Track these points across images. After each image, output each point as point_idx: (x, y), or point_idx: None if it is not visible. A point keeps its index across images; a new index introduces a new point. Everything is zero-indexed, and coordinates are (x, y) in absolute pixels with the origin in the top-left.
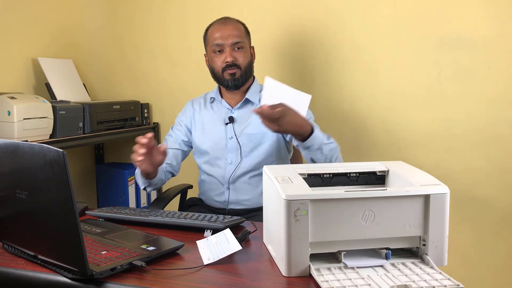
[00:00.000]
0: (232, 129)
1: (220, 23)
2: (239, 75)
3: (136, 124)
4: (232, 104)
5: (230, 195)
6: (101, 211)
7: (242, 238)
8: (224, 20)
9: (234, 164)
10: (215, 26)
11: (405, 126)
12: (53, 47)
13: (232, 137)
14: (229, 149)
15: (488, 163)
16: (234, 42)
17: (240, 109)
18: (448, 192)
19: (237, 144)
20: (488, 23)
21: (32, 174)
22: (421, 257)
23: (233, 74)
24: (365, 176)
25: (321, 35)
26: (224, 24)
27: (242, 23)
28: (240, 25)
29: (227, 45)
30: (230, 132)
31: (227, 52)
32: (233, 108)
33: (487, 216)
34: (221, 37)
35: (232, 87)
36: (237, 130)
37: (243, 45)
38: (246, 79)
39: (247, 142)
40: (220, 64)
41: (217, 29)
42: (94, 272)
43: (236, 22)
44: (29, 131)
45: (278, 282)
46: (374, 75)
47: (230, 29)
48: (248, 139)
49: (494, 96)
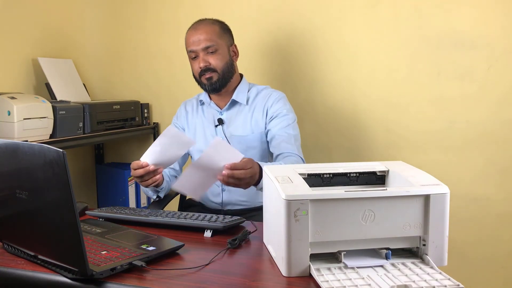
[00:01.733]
0: (222, 131)
1: (192, 28)
2: (216, 79)
3: (136, 124)
4: (221, 106)
5: (224, 197)
6: (101, 211)
7: (242, 238)
8: (196, 25)
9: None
10: (188, 31)
11: (405, 126)
12: (53, 47)
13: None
14: None
15: (488, 163)
16: (206, 47)
17: (228, 111)
18: (448, 192)
19: None
20: (488, 23)
21: (32, 174)
22: (421, 257)
23: (209, 79)
24: (365, 176)
25: (321, 35)
26: (195, 29)
27: (218, 22)
28: (212, 27)
29: (199, 51)
30: (220, 134)
31: (200, 57)
32: (222, 110)
33: (487, 216)
34: (193, 43)
35: (211, 91)
36: (227, 132)
37: (216, 48)
38: (226, 81)
39: (237, 144)
40: (196, 69)
41: (190, 34)
42: (94, 272)
43: (208, 24)
44: (29, 131)
45: (278, 282)
46: (374, 75)
47: (200, 33)
48: (238, 141)
49: (494, 96)
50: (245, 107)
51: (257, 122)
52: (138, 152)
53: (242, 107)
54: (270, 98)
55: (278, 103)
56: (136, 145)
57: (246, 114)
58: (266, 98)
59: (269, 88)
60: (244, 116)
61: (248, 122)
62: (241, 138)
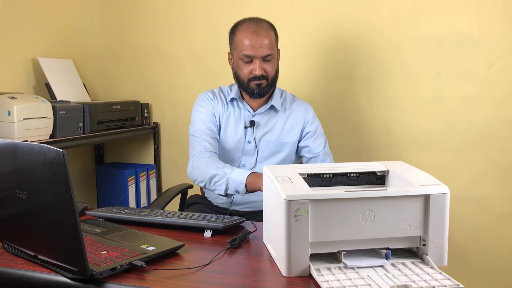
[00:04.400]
0: (252, 133)
1: (252, 31)
2: (265, 85)
3: (136, 124)
4: (254, 108)
5: (237, 196)
6: (101, 211)
7: (242, 238)
8: (256, 27)
9: (248, 168)
10: (246, 32)
11: (405, 126)
12: (53, 47)
13: (251, 141)
14: (245, 153)
15: (488, 163)
16: (266, 55)
17: (262, 114)
18: (448, 192)
19: (254, 149)
20: (488, 23)
21: (32, 174)
22: (421, 257)
23: (259, 85)
24: (365, 176)
25: (321, 35)
26: (256, 34)
27: (273, 27)
28: (271, 33)
29: (257, 58)
30: (249, 136)
31: (256, 64)
32: (255, 112)
33: (487, 216)
34: (252, 48)
35: (257, 96)
36: (257, 135)
37: (274, 56)
38: (272, 87)
39: (265, 149)
40: (247, 73)
41: (248, 37)
42: (94, 272)
43: (268, 29)
44: (29, 131)
45: (278, 282)
46: (374, 75)
47: (262, 39)
48: (266, 146)
49: (494, 96)
50: (280, 113)
51: (290, 130)
52: (138, 152)
53: (277, 113)
54: (309, 112)
55: (316, 120)
56: (136, 145)
57: (280, 120)
58: (305, 111)
59: (298, 98)
60: (277, 122)
61: (280, 128)
62: (270, 143)
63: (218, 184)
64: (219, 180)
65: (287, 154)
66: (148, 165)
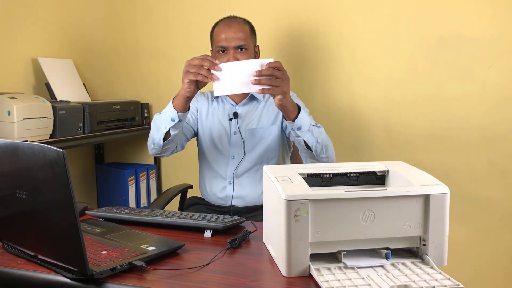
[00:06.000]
0: (236, 124)
1: (225, 24)
2: None
3: (136, 124)
4: (236, 101)
5: (234, 190)
6: (101, 211)
7: (242, 238)
8: (230, 21)
9: (237, 159)
10: (220, 26)
11: (405, 126)
12: (53, 47)
13: (236, 133)
14: (233, 144)
15: (488, 163)
16: (238, 45)
17: (244, 106)
18: (448, 192)
19: (240, 140)
20: (488, 23)
21: (32, 174)
22: (421, 257)
23: None
24: (365, 176)
25: (321, 35)
26: (228, 26)
27: (248, 22)
28: (245, 26)
29: (230, 48)
30: (234, 128)
31: (230, 54)
32: (237, 104)
33: (487, 216)
34: (225, 39)
35: None
36: (241, 125)
37: (247, 47)
38: None
39: (250, 137)
40: None
41: (222, 30)
42: (94, 272)
43: (241, 23)
44: (29, 131)
45: (278, 282)
46: (374, 75)
47: (234, 31)
48: (251, 134)
49: (494, 96)
50: (261, 103)
51: (272, 116)
52: (138, 152)
53: (258, 103)
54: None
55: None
56: (136, 145)
57: (262, 109)
58: None
59: None
60: (259, 111)
61: (263, 116)
62: (254, 131)
63: (160, 126)
64: (158, 121)
65: (273, 138)
66: (148, 165)
